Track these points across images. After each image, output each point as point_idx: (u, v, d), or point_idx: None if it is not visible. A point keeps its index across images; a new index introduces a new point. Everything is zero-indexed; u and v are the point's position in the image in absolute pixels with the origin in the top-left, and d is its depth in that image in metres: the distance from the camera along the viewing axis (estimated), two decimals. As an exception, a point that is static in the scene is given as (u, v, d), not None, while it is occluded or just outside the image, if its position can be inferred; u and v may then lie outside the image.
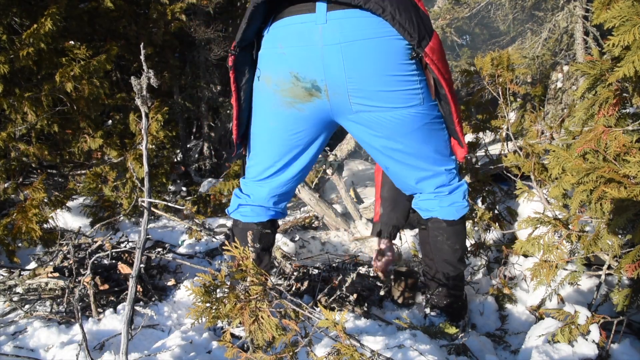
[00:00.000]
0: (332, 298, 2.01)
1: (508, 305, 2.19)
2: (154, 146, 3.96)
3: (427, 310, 1.99)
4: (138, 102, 1.72)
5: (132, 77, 1.68)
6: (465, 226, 1.93)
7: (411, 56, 1.55)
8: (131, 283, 1.57)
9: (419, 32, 1.50)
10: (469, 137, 3.31)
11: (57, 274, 2.32)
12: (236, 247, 1.28)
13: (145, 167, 1.71)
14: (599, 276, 1.87)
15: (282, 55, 1.59)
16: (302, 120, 1.69)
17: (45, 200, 3.29)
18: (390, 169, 1.84)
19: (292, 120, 1.70)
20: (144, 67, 1.72)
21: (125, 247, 2.80)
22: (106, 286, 2.34)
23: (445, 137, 1.76)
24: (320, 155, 3.68)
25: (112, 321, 2.09)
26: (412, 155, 1.73)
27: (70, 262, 2.39)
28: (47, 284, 2.30)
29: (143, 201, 1.70)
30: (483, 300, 2.19)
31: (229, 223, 3.81)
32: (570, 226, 1.71)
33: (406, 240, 3.03)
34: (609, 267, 1.72)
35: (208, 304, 1.26)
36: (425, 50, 1.53)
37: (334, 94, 1.58)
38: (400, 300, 2.26)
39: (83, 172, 3.89)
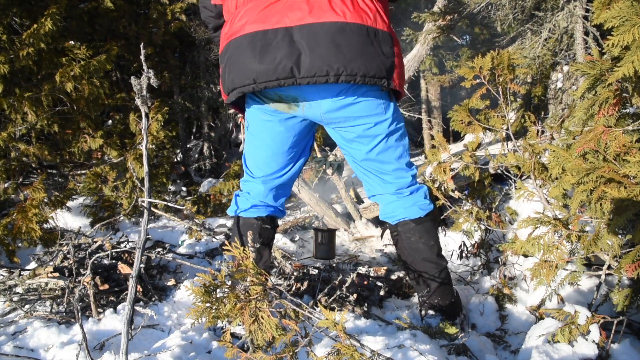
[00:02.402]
0: (332, 298, 2.01)
1: (508, 305, 2.19)
2: (154, 146, 3.96)
3: (423, 313, 1.99)
4: (138, 102, 1.72)
5: (132, 77, 1.69)
6: (434, 223, 2.00)
7: (381, 91, 1.76)
8: (131, 283, 1.57)
9: (386, 73, 1.66)
10: (469, 137, 3.30)
11: (57, 274, 2.32)
12: (236, 247, 1.28)
13: (145, 167, 1.71)
14: (599, 276, 1.87)
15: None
16: (289, 128, 1.86)
17: (45, 200, 3.30)
18: (357, 172, 2.00)
19: (279, 130, 1.86)
20: (144, 67, 1.72)
21: (125, 247, 2.80)
22: (106, 286, 2.34)
23: (407, 144, 1.92)
24: (320, 155, 3.69)
25: (112, 321, 2.09)
26: (378, 160, 1.88)
27: (70, 262, 2.39)
28: (47, 284, 2.30)
29: (143, 201, 1.70)
30: (483, 300, 2.19)
31: (229, 223, 3.81)
32: (570, 226, 1.70)
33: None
34: (609, 267, 1.72)
35: (208, 304, 1.26)
36: (394, 81, 1.70)
37: (309, 108, 1.76)
38: (318, 255, 2.36)
39: (83, 172, 3.89)
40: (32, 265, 2.77)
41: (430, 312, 1.96)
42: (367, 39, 1.62)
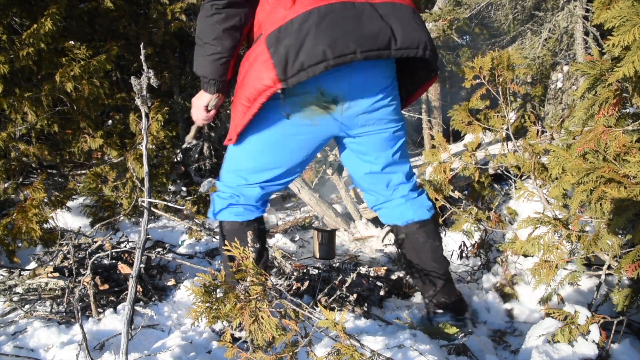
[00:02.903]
0: (332, 298, 2.01)
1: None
2: (154, 146, 3.95)
3: (430, 313, 2.00)
4: (138, 102, 1.72)
5: (132, 77, 1.69)
6: (437, 224, 2.06)
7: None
8: (131, 283, 1.57)
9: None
10: (469, 137, 3.30)
11: (57, 274, 2.32)
12: (236, 248, 1.28)
13: (145, 167, 1.71)
14: (599, 276, 1.87)
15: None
16: (314, 133, 1.77)
17: (45, 200, 3.29)
18: (365, 184, 2.01)
19: (303, 133, 1.76)
20: (144, 67, 1.72)
21: (125, 247, 2.80)
22: (106, 286, 2.34)
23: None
24: (320, 155, 3.69)
25: (112, 321, 2.09)
26: (398, 162, 1.90)
27: (70, 262, 2.39)
28: (47, 284, 2.30)
29: (143, 201, 1.70)
30: (486, 298, 2.19)
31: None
32: (570, 226, 1.70)
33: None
34: (609, 267, 1.72)
35: (208, 304, 1.26)
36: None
37: (348, 109, 1.70)
38: (318, 255, 2.41)
39: (83, 172, 3.89)
40: (32, 265, 2.77)
41: (439, 310, 1.97)
42: (422, 20, 1.70)
